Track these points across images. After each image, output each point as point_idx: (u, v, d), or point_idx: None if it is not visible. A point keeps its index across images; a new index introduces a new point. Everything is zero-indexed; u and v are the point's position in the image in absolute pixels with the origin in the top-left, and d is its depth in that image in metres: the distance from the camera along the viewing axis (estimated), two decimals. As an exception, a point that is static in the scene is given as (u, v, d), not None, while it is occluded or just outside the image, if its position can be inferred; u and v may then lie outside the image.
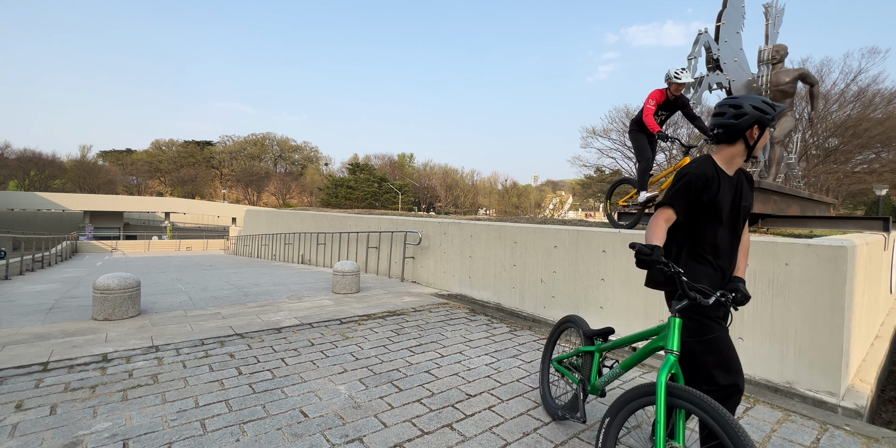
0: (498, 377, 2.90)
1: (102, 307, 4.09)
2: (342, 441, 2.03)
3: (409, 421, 2.25)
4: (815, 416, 2.41)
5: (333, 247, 10.30)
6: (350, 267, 5.82)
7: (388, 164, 71.85)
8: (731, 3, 5.84)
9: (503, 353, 3.39)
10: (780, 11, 6.51)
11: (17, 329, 3.77)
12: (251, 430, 2.10)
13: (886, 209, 28.89)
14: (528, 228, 4.66)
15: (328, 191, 51.92)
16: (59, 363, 2.91)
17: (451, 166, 75.12)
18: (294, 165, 79.76)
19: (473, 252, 5.44)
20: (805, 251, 2.68)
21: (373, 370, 2.96)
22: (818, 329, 2.62)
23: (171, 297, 5.61)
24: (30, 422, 2.13)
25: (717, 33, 5.68)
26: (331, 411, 2.33)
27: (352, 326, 4.07)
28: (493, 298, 5.08)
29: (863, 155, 25.43)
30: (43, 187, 50.11)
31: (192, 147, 71.87)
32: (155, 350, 3.24)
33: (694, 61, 5.48)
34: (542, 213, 62.11)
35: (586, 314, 3.97)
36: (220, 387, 2.61)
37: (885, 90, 23.01)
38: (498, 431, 2.17)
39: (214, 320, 4.18)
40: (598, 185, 44.59)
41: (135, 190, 62.44)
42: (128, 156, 72.13)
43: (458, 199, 65.50)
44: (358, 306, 4.91)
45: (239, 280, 7.50)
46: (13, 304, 5.25)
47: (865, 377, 2.93)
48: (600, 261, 3.86)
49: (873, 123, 22.65)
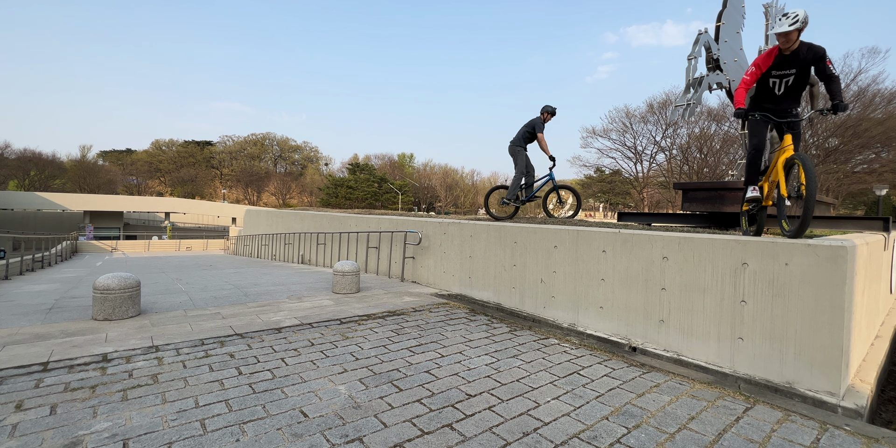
0: (498, 377, 2.90)
1: (102, 307, 4.09)
2: (342, 441, 2.03)
3: (409, 421, 2.25)
4: (815, 416, 2.41)
5: (333, 247, 10.30)
6: (350, 267, 5.82)
7: (388, 164, 71.87)
8: (731, 3, 5.85)
9: (503, 353, 3.39)
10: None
11: (17, 329, 3.78)
12: (251, 430, 2.10)
13: (886, 209, 28.88)
14: (528, 228, 4.66)
15: (328, 191, 51.93)
16: (59, 363, 2.91)
17: (451, 166, 75.21)
18: (294, 165, 79.80)
19: (473, 252, 5.44)
20: (805, 251, 2.68)
21: (373, 370, 2.96)
22: (818, 329, 2.62)
23: (171, 297, 5.61)
24: (30, 422, 2.13)
25: (717, 33, 5.68)
26: (331, 411, 2.33)
27: (352, 326, 4.07)
28: (493, 298, 5.08)
29: (863, 155, 25.46)
30: (43, 187, 50.13)
31: (192, 147, 71.92)
32: (155, 350, 3.24)
33: (694, 61, 5.49)
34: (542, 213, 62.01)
35: (586, 314, 3.97)
36: (220, 387, 2.61)
37: (885, 90, 23.05)
38: (498, 431, 2.17)
39: (214, 320, 4.18)
40: (599, 185, 44.60)
41: (135, 190, 62.47)
42: (128, 156, 72.21)
43: (458, 199, 65.52)
44: (358, 306, 4.91)
45: (239, 280, 7.50)
46: (13, 304, 5.25)
47: (865, 377, 2.93)
48: (600, 261, 3.86)
49: (873, 123, 22.68)
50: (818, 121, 23.27)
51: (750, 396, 2.65)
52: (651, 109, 34.99)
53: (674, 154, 35.68)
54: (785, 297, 2.75)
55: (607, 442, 2.10)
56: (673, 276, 3.31)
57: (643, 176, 38.29)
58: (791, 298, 2.73)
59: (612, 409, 2.45)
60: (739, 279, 2.94)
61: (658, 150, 36.63)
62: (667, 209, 38.19)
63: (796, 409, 2.50)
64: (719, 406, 2.51)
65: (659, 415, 2.39)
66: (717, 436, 2.17)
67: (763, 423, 2.32)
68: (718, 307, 3.05)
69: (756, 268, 2.87)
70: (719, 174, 29.58)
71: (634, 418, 2.35)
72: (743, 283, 2.93)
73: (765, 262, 2.84)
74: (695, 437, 2.15)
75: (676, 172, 35.09)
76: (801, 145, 3.47)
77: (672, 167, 35.67)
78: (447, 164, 75.08)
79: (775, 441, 2.14)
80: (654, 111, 34.78)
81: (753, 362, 2.87)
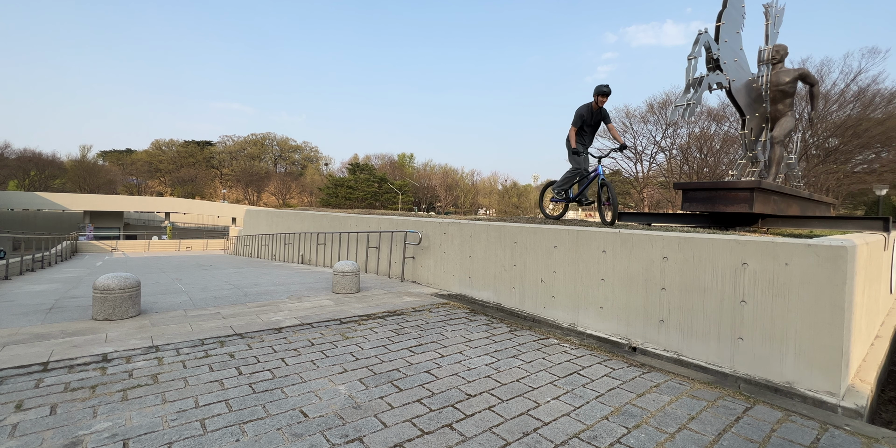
0: (498, 377, 2.90)
1: (102, 307, 4.09)
2: (342, 441, 2.03)
3: (409, 421, 2.25)
4: (815, 416, 2.41)
5: (333, 247, 10.30)
6: (350, 267, 5.82)
7: (388, 164, 71.86)
8: (731, 3, 5.84)
9: (503, 353, 3.39)
10: (780, 11, 6.51)
11: (17, 329, 3.77)
12: (251, 430, 2.10)
13: (886, 209, 28.88)
14: (528, 228, 4.66)
15: (328, 191, 51.91)
16: (59, 363, 2.91)
17: (451, 166, 75.21)
18: (294, 165, 79.80)
19: (473, 252, 5.44)
20: (805, 251, 2.68)
21: (373, 370, 2.96)
22: (818, 329, 2.62)
23: (171, 297, 5.61)
24: (30, 422, 2.13)
25: (717, 33, 5.68)
26: (331, 411, 2.33)
27: (352, 326, 4.07)
28: (493, 298, 5.08)
29: (863, 155, 25.45)
30: (43, 187, 50.13)
31: (192, 147, 71.93)
32: (155, 350, 3.24)
33: (694, 61, 5.48)
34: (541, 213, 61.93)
35: (586, 314, 3.97)
36: (220, 387, 2.61)
37: (885, 90, 23.04)
38: (498, 431, 2.17)
39: (214, 320, 4.18)
40: (598, 185, 44.49)
41: (135, 190, 62.47)
42: (128, 156, 72.22)
43: (458, 199, 65.50)
44: (358, 306, 4.91)
45: (239, 280, 7.50)
46: (13, 303, 5.25)
47: (865, 377, 2.93)
48: (600, 261, 3.86)
49: (873, 123, 22.67)
50: (818, 121, 23.28)
51: (750, 396, 2.65)
52: (651, 109, 34.97)
53: (674, 154, 35.65)
54: (785, 297, 2.75)
55: (607, 442, 2.10)
56: (673, 276, 3.31)
57: (643, 176, 38.27)
58: (791, 298, 2.73)
59: (612, 409, 2.45)
60: (739, 279, 2.94)
61: (658, 150, 36.62)
62: (667, 209, 38.17)
63: (796, 409, 2.50)
64: (719, 406, 2.51)
65: (659, 415, 2.39)
66: (717, 436, 2.17)
67: (763, 423, 2.32)
68: (718, 307, 3.05)
69: (756, 268, 2.87)
70: (719, 174, 29.56)
71: (634, 418, 2.35)
72: (743, 283, 2.93)
73: (765, 262, 2.84)
74: (695, 437, 2.15)
75: (676, 172, 35.08)
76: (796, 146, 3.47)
77: (672, 167, 35.65)
78: (447, 164, 75.16)
79: (775, 441, 2.14)
80: (654, 111, 34.76)
81: (753, 362, 2.87)
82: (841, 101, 23.50)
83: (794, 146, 6.99)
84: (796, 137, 7.05)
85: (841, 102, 23.52)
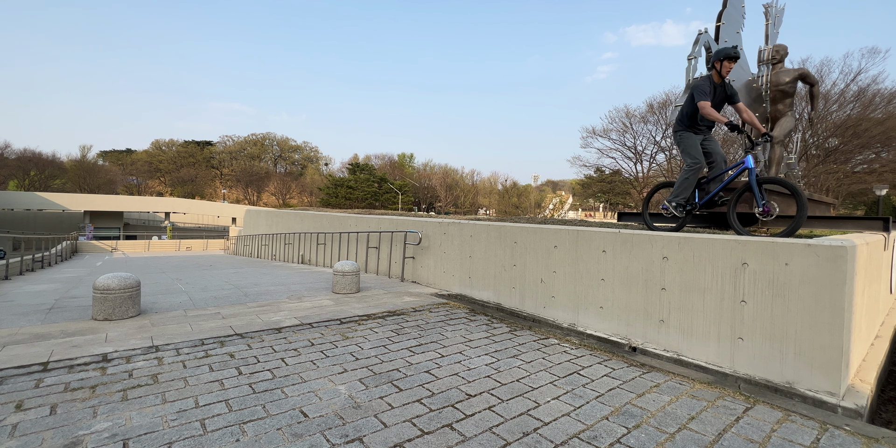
0: (498, 377, 2.90)
1: (102, 307, 4.09)
2: (342, 441, 2.03)
3: (409, 421, 2.25)
4: (815, 416, 2.41)
5: (333, 247, 10.29)
6: (350, 267, 5.82)
7: (388, 164, 71.84)
8: (731, 3, 5.84)
9: (503, 353, 3.39)
10: (780, 11, 6.51)
11: (17, 329, 3.77)
12: (251, 430, 2.10)
13: (886, 209, 28.89)
14: (528, 228, 4.66)
15: (328, 191, 51.89)
16: (59, 363, 2.91)
17: (451, 166, 75.19)
18: (294, 165, 79.78)
19: (473, 252, 5.44)
20: (805, 251, 2.68)
21: (373, 370, 2.96)
22: (818, 329, 2.62)
23: (171, 297, 5.61)
24: (30, 422, 2.13)
25: (717, 33, 5.68)
26: (331, 411, 2.33)
27: (352, 326, 4.07)
28: (493, 298, 5.08)
29: (863, 155, 25.45)
30: (43, 187, 50.11)
31: (192, 147, 71.92)
32: (155, 350, 3.24)
33: (694, 61, 5.48)
34: (542, 214, 62.12)
35: (586, 314, 3.97)
36: (220, 387, 2.61)
37: (885, 90, 23.02)
38: (498, 431, 2.17)
39: (214, 320, 4.18)
40: (598, 185, 44.57)
41: (135, 190, 62.45)
42: (128, 156, 72.19)
43: (458, 199, 65.48)
44: (358, 306, 4.91)
45: (239, 280, 7.50)
46: (13, 304, 5.25)
47: (865, 377, 2.93)
48: (600, 261, 3.85)
49: (873, 123, 22.65)
50: (818, 121, 23.27)
51: (750, 396, 2.65)
52: (651, 109, 34.97)
53: (674, 154, 35.62)
54: (785, 297, 2.75)
55: (607, 442, 2.10)
56: (673, 276, 3.31)
57: (643, 176, 38.27)
58: (791, 298, 2.73)
59: (612, 409, 2.45)
60: (739, 279, 2.94)
61: (658, 150, 36.61)
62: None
63: (796, 409, 2.50)
64: (719, 406, 2.51)
65: (659, 415, 2.39)
66: (717, 436, 2.17)
67: (763, 423, 2.32)
68: (718, 307, 3.04)
69: (756, 268, 2.87)
70: (719, 174, 29.50)
71: (634, 418, 2.35)
72: (743, 283, 2.93)
73: (765, 262, 2.84)
74: (695, 437, 2.15)
75: (676, 172, 35.07)
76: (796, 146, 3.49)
77: (672, 167, 35.63)
78: (447, 164, 75.13)
79: (775, 441, 2.14)
80: (654, 111, 34.76)
81: (753, 362, 2.87)
82: (841, 101, 23.49)
83: (793, 146, 6.99)
84: (796, 137, 7.05)
85: (841, 102, 23.51)
